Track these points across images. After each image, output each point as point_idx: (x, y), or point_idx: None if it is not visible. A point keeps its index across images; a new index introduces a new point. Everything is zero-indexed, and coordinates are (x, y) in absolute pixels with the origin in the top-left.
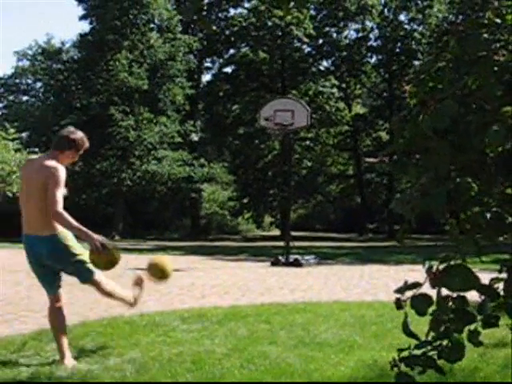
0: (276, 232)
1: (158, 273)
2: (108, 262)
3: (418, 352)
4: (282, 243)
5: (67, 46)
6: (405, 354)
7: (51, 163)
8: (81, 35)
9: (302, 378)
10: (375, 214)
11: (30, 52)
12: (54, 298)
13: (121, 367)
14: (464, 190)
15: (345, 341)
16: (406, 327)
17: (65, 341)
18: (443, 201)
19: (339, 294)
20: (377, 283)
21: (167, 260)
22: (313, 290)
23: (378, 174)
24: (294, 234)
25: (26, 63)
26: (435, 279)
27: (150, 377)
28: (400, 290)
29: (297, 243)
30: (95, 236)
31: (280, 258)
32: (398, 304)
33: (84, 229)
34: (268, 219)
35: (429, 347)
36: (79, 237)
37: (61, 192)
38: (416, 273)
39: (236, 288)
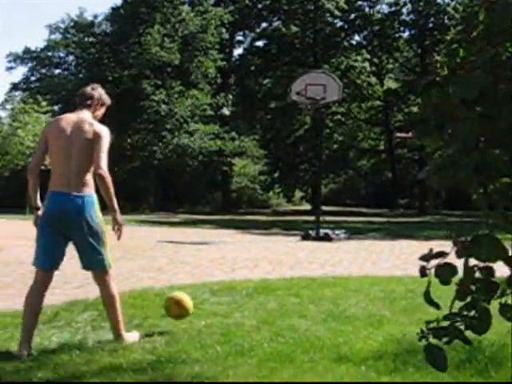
0: (307, 206)
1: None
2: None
3: (445, 323)
4: (312, 218)
5: (99, 19)
6: (433, 325)
7: None
8: (113, 8)
9: (331, 352)
10: (406, 189)
11: (62, 25)
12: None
13: (150, 339)
14: (492, 161)
15: (374, 315)
16: (428, 295)
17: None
18: (470, 171)
19: (369, 268)
20: (407, 258)
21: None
22: (342, 264)
23: (410, 149)
24: (324, 208)
25: (58, 36)
26: (462, 249)
27: (179, 348)
28: (425, 258)
29: (327, 218)
30: None
31: (310, 232)
32: (423, 272)
33: None
34: (299, 194)
35: (456, 318)
36: None
37: None
38: (446, 248)
39: (266, 262)
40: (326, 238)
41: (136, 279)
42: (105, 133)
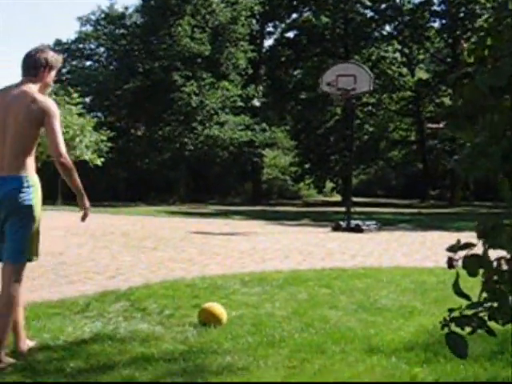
0: (337, 197)
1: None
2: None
3: (469, 312)
4: (343, 209)
5: (130, 10)
6: (456, 314)
7: None
8: (143, 0)
9: (362, 343)
10: (437, 180)
11: (93, 17)
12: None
13: (182, 329)
14: None
15: (405, 306)
16: (457, 287)
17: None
18: (498, 160)
19: (400, 259)
20: (438, 250)
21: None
22: (373, 255)
23: (441, 140)
24: (355, 199)
25: (89, 28)
26: (480, 237)
27: (210, 338)
28: (452, 249)
29: (358, 209)
30: None
31: (341, 223)
32: (450, 263)
33: None
34: (329, 185)
35: (480, 308)
36: None
37: None
38: (476, 239)
39: (297, 252)
40: (357, 229)
41: (167, 270)
42: (53, 110)
